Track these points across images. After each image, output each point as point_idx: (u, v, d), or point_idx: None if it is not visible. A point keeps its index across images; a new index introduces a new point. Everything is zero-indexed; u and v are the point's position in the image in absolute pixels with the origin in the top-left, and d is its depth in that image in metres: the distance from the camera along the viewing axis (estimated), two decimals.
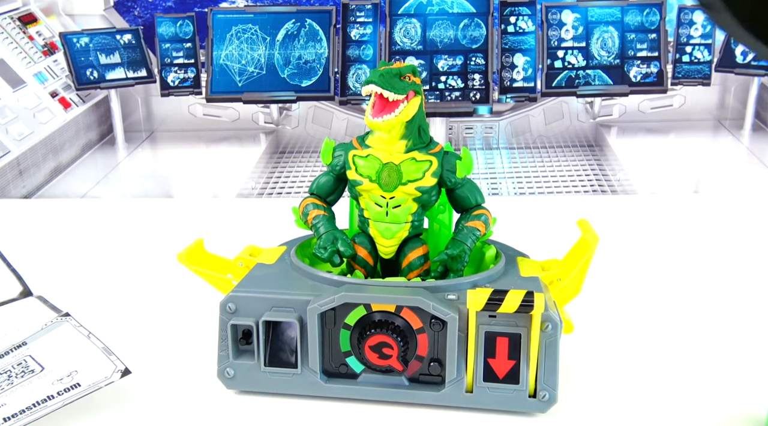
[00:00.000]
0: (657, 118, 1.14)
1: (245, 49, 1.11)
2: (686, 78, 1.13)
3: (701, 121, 1.16)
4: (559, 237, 0.60)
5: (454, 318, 0.46)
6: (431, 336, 0.47)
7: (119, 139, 1.15)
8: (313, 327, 0.47)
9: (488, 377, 0.47)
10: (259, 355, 0.49)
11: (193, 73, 1.12)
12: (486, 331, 0.46)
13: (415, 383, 0.48)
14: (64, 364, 0.49)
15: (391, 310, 0.47)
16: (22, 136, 1.10)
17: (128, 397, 0.51)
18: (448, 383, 0.47)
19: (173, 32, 1.10)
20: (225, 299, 0.49)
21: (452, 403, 0.48)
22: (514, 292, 0.45)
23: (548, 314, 0.45)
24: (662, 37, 1.10)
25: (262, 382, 0.49)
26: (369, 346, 0.47)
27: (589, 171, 1.16)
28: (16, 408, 0.45)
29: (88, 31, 1.10)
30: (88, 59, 1.10)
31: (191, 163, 1.17)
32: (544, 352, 0.46)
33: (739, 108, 1.15)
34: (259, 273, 0.52)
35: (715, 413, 0.48)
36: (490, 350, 0.46)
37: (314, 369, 0.48)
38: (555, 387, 0.46)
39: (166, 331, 0.61)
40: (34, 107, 1.10)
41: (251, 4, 1.10)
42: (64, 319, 0.54)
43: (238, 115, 1.16)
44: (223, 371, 0.50)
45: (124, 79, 1.12)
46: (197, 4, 1.10)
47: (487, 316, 0.46)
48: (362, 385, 0.49)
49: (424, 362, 0.48)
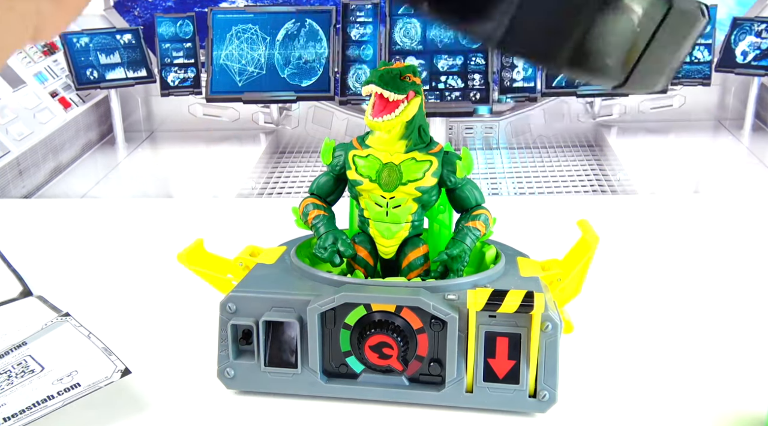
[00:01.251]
0: (657, 118, 1.14)
1: (245, 49, 1.11)
2: (686, 78, 1.13)
3: (701, 121, 1.16)
4: (559, 237, 0.60)
5: (454, 318, 0.46)
6: (431, 336, 0.47)
7: (119, 139, 1.15)
8: (313, 327, 0.47)
9: (488, 377, 0.47)
10: (259, 355, 0.49)
11: (193, 73, 1.12)
12: (486, 331, 0.46)
13: (415, 383, 0.49)
14: (64, 364, 0.49)
15: (391, 310, 0.47)
16: (22, 136, 1.10)
17: (128, 397, 0.51)
18: (448, 383, 0.47)
19: (173, 32, 1.10)
20: (225, 299, 0.49)
21: (452, 403, 0.48)
22: (514, 293, 0.45)
23: (548, 314, 0.45)
24: None
25: (262, 382, 0.49)
26: (369, 346, 0.47)
27: (589, 171, 1.16)
28: (16, 408, 0.45)
29: (88, 31, 1.10)
30: (88, 59, 1.10)
31: (191, 163, 1.16)
32: (544, 352, 0.46)
33: (739, 108, 1.15)
34: (259, 273, 0.52)
35: (716, 413, 0.48)
36: (490, 350, 0.46)
37: (314, 369, 0.48)
38: (555, 387, 0.46)
39: (166, 331, 0.61)
40: (34, 107, 1.10)
41: (251, 4, 1.10)
42: (64, 319, 0.54)
43: (238, 115, 1.15)
44: (223, 371, 0.50)
45: (124, 79, 1.12)
46: (197, 4, 1.10)
47: (487, 316, 0.46)
48: (362, 385, 0.49)
49: (424, 362, 0.48)
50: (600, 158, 1.16)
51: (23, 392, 0.47)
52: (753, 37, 1.10)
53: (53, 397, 0.46)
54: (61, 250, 0.83)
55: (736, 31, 1.10)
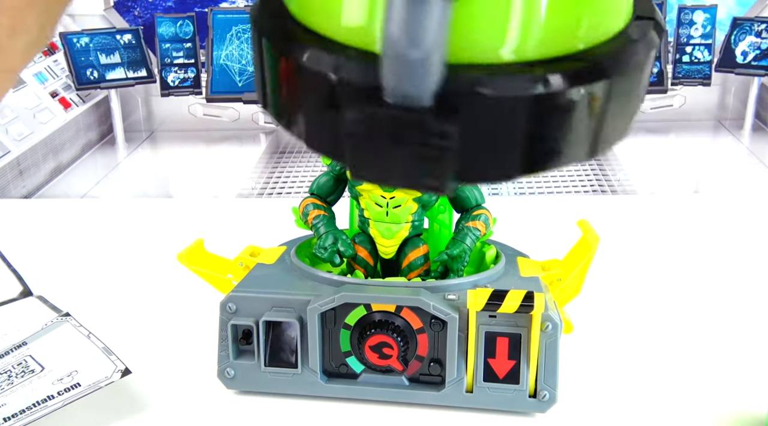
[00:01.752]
0: (657, 118, 1.14)
1: (245, 49, 1.11)
2: (686, 78, 1.13)
3: (701, 121, 1.16)
4: (559, 237, 0.60)
5: (455, 318, 0.46)
6: (431, 336, 0.47)
7: (119, 139, 1.15)
8: (313, 327, 0.47)
9: (488, 377, 0.47)
10: (259, 355, 0.49)
11: (193, 73, 1.12)
12: (486, 331, 0.46)
13: (415, 383, 0.49)
14: (64, 364, 0.49)
15: (391, 310, 0.47)
16: (22, 136, 1.10)
17: (128, 397, 0.51)
18: (449, 383, 0.47)
19: (173, 32, 1.10)
20: (225, 299, 0.49)
21: (452, 403, 0.48)
22: (514, 293, 0.45)
23: (548, 314, 0.45)
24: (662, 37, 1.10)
25: (262, 382, 0.49)
26: (369, 346, 0.47)
27: (589, 171, 1.16)
28: (16, 408, 0.45)
29: (88, 31, 1.10)
30: (88, 59, 1.10)
31: (191, 163, 1.17)
32: (544, 352, 0.46)
33: (739, 108, 1.15)
34: (259, 273, 0.52)
35: (716, 413, 0.48)
36: (490, 350, 0.46)
37: (314, 369, 0.48)
38: (555, 387, 0.46)
39: (166, 331, 0.61)
40: (34, 107, 1.10)
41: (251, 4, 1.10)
42: (64, 319, 0.54)
43: (238, 115, 1.16)
44: (223, 371, 0.50)
45: (124, 79, 1.12)
46: (197, 4, 1.10)
47: (488, 316, 0.46)
48: (362, 385, 0.49)
49: (424, 362, 0.48)
50: (600, 158, 1.16)
51: (23, 392, 0.47)
52: (753, 37, 1.10)
53: (53, 397, 0.46)
54: (61, 250, 0.83)
55: (736, 31, 1.10)
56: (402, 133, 0.22)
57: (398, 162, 0.23)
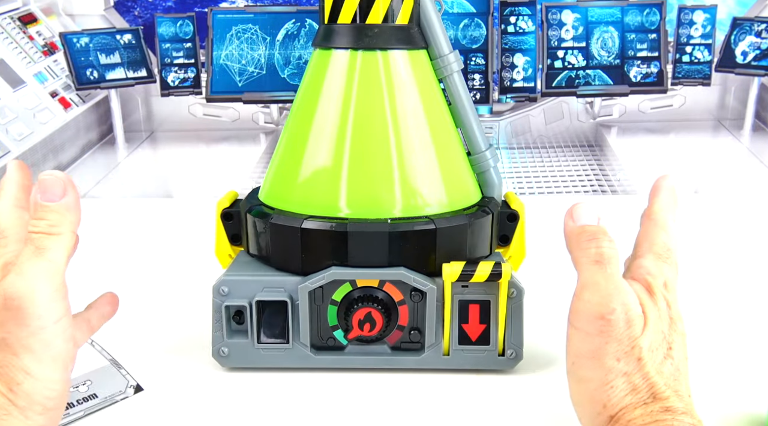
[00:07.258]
0: (657, 118, 1.14)
1: (245, 49, 1.11)
2: (686, 78, 1.13)
3: (701, 121, 1.16)
4: (558, 237, 0.60)
5: (433, 289, 0.50)
6: (411, 307, 0.52)
7: (119, 139, 1.15)
8: (303, 304, 0.51)
9: (462, 341, 0.52)
10: (252, 333, 0.52)
11: (193, 73, 1.12)
12: (460, 300, 0.51)
13: (397, 350, 0.54)
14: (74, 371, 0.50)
15: (374, 284, 0.51)
16: (22, 136, 1.10)
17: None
18: (427, 348, 0.52)
19: (173, 32, 1.10)
20: (218, 283, 0.52)
21: (431, 366, 0.53)
22: (485, 263, 0.50)
23: (513, 282, 0.51)
24: (662, 37, 1.10)
25: (256, 358, 0.53)
26: (357, 319, 0.51)
27: (589, 171, 1.16)
28: None
29: (88, 31, 1.10)
30: (88, 59, 1.10)
31: (191, 163, 1.17)
32: (510, 316, 0.52)
33: (739, 108, 1.15)
34: (244, 259, 0.56)
35: (715, 413, 0.48)
36: (463, 316, 0.52)
37: (305, 343, 0.52)
38: (521, 346, 0.52)
39: (166, 331, 0.61)
40: (34, 107, 1.10)
41: (251, 4, 1.10)
42: None
43: (238, 115, 1.15)
44: (217, 351, 0.53)
45: (124, 79, 1.12)
46: (197, 4, 1.10)
47: (461, 286, 0.51)
48: (349, 355, 0.53)
49: (405, 331, 0.53)
50: (600, 158, 1.16)
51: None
52: (753, 37, 1.10)
53: (73, 406, 0.48)
54: None
55: (736, 31, 1.10)
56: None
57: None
